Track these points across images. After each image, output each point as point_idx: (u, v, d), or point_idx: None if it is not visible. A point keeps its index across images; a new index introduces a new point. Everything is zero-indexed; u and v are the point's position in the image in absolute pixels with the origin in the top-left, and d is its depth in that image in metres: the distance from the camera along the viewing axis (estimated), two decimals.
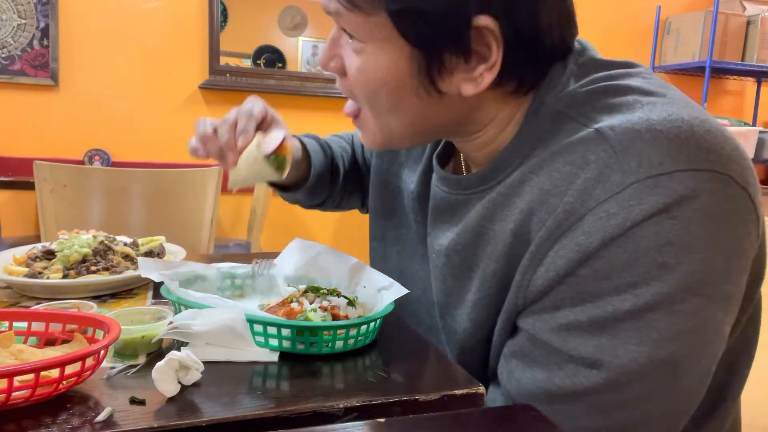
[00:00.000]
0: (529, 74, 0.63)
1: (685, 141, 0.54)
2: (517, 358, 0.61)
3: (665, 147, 0.53)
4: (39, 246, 0.95)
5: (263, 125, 0.81)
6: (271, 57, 3.09)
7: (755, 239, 0.57)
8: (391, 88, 0.62)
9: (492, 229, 0.64)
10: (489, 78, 0.60)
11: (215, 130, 0.80)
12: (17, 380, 0.48)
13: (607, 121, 0.57)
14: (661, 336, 0.53)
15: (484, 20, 0.57)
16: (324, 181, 0.96)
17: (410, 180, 0.84)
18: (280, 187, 0.96)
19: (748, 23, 3.49)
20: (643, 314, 0.53)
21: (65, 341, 0.61)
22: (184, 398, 0.53)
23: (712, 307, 0.54)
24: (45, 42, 2.78)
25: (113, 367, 0.59)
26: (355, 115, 0.69)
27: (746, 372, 0.69)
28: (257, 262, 0.84)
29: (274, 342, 0.63)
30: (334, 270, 0.80)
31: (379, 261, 0.91)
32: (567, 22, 0.63)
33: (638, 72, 0.64)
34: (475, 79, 0.60)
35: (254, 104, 0.80)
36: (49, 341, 0.62)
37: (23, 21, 2.76)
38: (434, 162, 0.77)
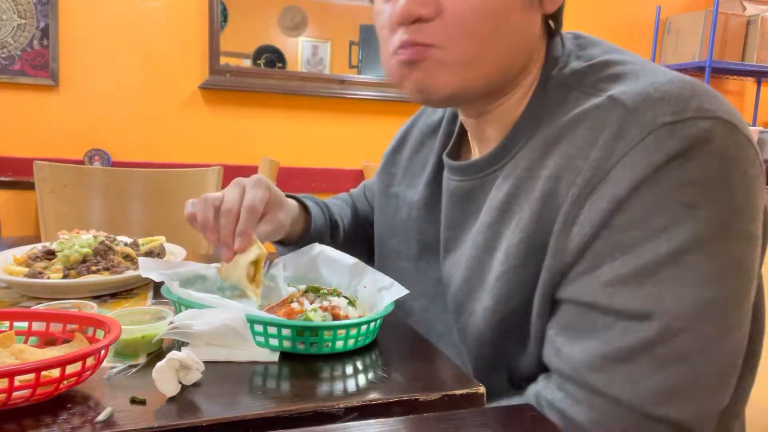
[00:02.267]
0: (553, 18, 0.71)
1: (691, 96, 0.59)
2: (563, 334, 0.62)
3: (674, 101, 0.59)
4: (39, 246, 0.95)
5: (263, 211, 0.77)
6: (271, 57, 3.08)
7: (762, 187, 0.60)
8: (497, 12, 0.65)
9: (518, 204, 0.66)
10: None
11: (217, 212, 0.75)
12: (18, 380, 0.48)
13: (617, 89, 0.62)
14: (701, 277, 0.56)
15: None
16: (323, 237, 0.93)
17: (412, 193, 0.86)
18: (281, 243, 0.94)
19: (748, 23, 3.49)
20: (681, 257, 0.56)
21: (66, 341, 0.61)
22: (184, 398, 0.53)
23: (740, 245, 0.58)
24: (45, 42, 2.78)
25: (114, 367, 0.59)
26: (418, 59, 0.66)
27: (750, 384, 0.69)
28: None
29: (274, 342, 0.63)
30: (334, 270, 0.80)
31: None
32: None
33: (625, 51, 0.70)
34: None
35: (255, 194, 0.75)
36: (50, 341, 0.62)
37: (23, 21, 2.76)
38: (445, 159, 0.80)
